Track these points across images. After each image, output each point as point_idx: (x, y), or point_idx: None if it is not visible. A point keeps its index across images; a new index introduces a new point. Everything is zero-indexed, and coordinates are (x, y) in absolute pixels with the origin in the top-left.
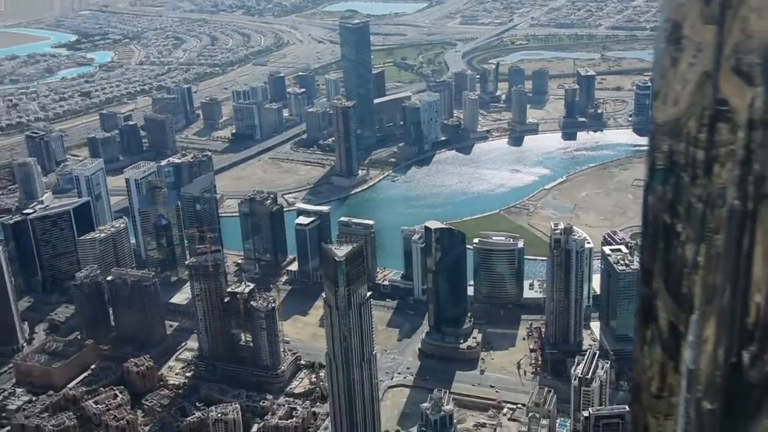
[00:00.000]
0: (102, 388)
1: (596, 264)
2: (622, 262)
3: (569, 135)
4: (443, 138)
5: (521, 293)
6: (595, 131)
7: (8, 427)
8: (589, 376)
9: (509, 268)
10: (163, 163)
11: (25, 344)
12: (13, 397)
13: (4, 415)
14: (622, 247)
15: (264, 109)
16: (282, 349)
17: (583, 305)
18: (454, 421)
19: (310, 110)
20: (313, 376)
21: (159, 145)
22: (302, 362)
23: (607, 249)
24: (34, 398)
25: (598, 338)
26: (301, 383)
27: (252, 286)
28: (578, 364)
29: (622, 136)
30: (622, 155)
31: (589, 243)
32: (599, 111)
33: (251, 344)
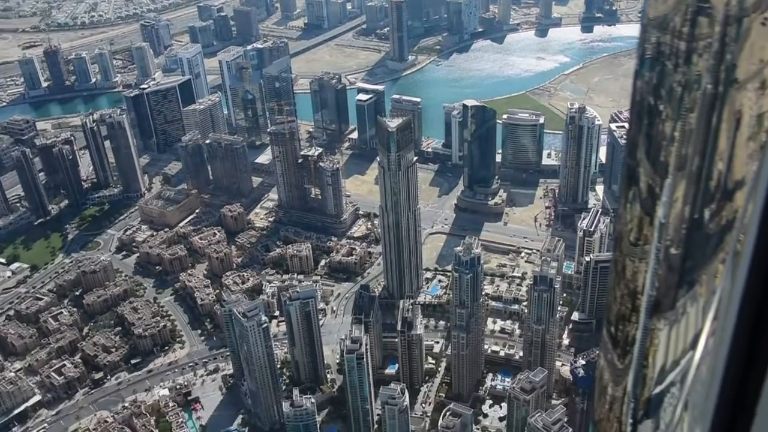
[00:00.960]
0: (204, 228)
1: (603, 138)
2: (624, 136)
3: (587, 28)
4: (480, 29)
5: (540, 160)
6: (610, 25)
7: (137, 253)
8: (592, 229)
9: (531, 140)
10: (249, 48)
11: (145, 192)
12: (139, 231)
13: (134, 244)
14: (626, 124)
15: (331, 3)
16: (344, 201)
17: (591, 171)
18: (481, 261)
19: (369, 4)
20: (369, 223)
21: (245, 33)
22: (360, 212)
23: (613, 126)
24: (154, 233)
25: (601, 198)
26: (359, 229)
27: (320, 150)
28: (584, 219)
29: (632, 30)
30: (631, 47)
31: (598, 120)
32: (614, 8)
33: (320, 197)
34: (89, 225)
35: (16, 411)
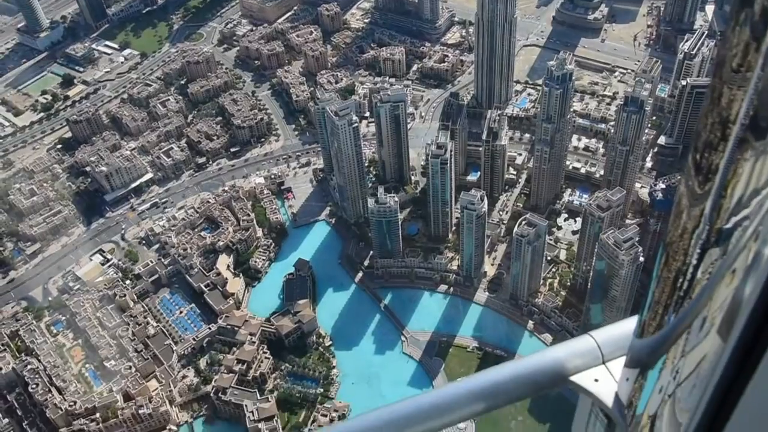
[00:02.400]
0: (301, 25)
1: None
2: None
3: None
4: None
5: None
6: None
7: (237, 47)
8: (693, 52)
9: None
10: None
11: None
12: (239, 26)
13: (234, 38)
14: None
15: None
16: (440, 7)
17: None
18: (573, 77)
19: None
20: (464, 31)
21: None
22: (456, 19)
23: None
24: (254, 28)
25: (710, 20)
26: (453, 36)
27: None
28: (686, 41)
29: None
30: None
31: None
32: None
33: (416, 0)
34: (193, 16)
35: (133, 185)
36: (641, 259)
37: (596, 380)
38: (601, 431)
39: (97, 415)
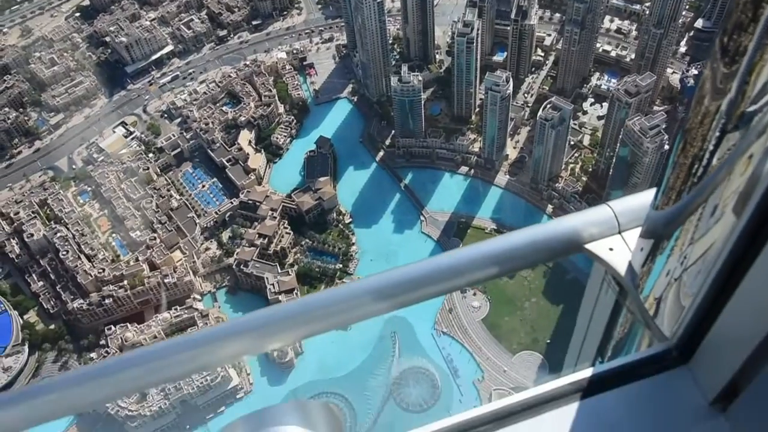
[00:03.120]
0: None
1: None
2: None
3: None
4: None
5: None
6: None
7: None
8: None
9: None
10: None
11: None
12: None
13: None
14: None
15: None
16: None
17: None
18: None
19: None
20: None
21: None
22: None
23: None
24: None
25: None
26: None
27: None
28: None
29: None
30: None
31: None
32: None
33: None
34: None
35: (154, 57)
36: (666, 147)
37: (611, 249)
38: (612, 299)
39: (125, 282)
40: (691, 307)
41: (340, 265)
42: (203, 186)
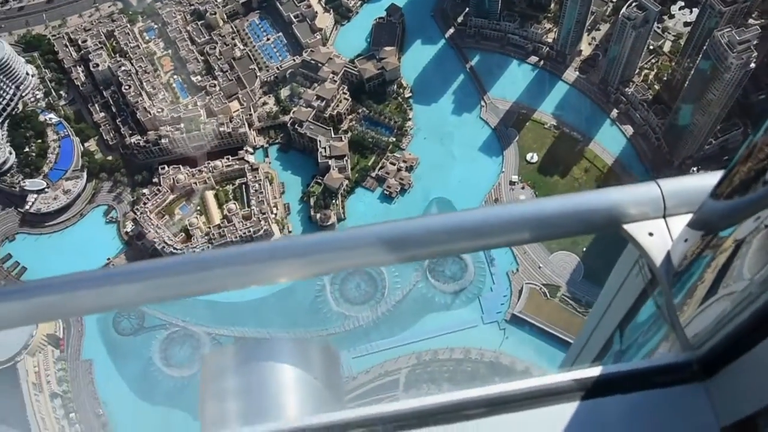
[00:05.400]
0: None
1: None
2: None
3: None
4: None
5: None
6: None
7: None
8: None
9: None
10: None
11: None
12: None
13: None
14: None
15: None
16: None
17: None
18: None
19: None
20: None
21: None
22: None
23: None
24: None
25: None
26: None
27: None
28: None
29: None
30: None
31: None
32: None
33: None
34: None
35: None
36: (752, 65)
37: (650, 234)
38: (640, 286)
39: (182, 125)
40: (730, 322)
41: (393, 139)
42: (268, 39)
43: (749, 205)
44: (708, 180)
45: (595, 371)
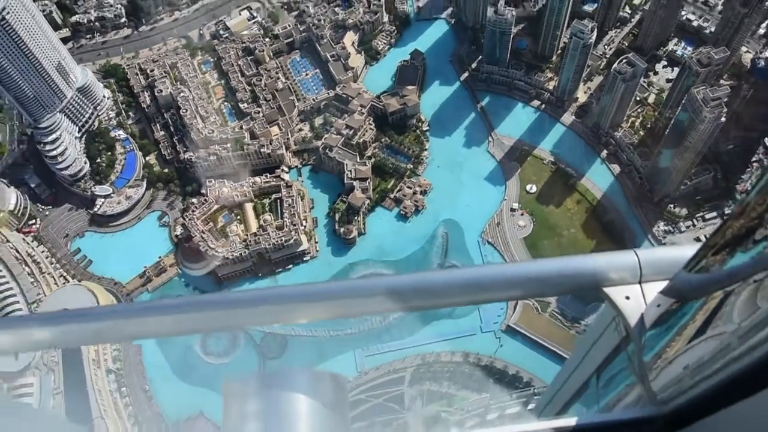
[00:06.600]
0: None
1: None
2: None
3: None
4: None
5: None
6: None
7: None
8: None
9: None
10: None
11: None
12: None
13: None
14: None
15: None
16: None
17: None
18: None
19: None
20: None
21: None
22: None
23: None
24: None
25: None
26: None
27: None
28: None
29: None
30: None
31: None
32: None
33: None
34: None
35: None
36: (723, 119)
37: (627, 297)
38: (615, 341)
39: (228, 145)
40: (695, 386)
41: (411, 166)
42: (307, 74)
43: (719, 281)
44: (682, 252)
45: (570, 421)
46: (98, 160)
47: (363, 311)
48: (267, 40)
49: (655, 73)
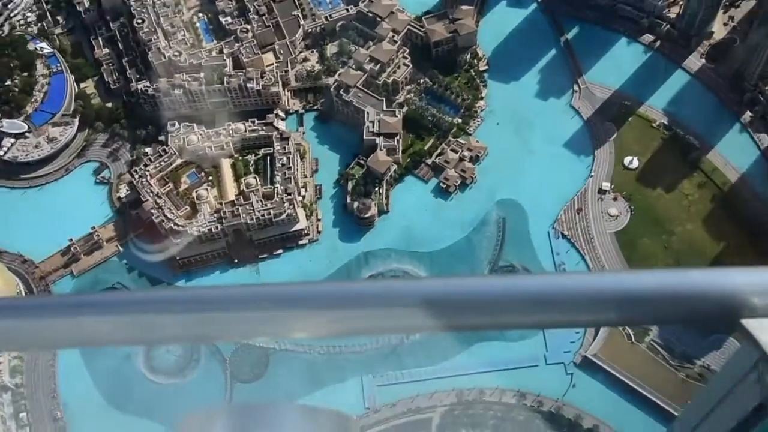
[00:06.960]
0: None
1: None
2: None
3: None
4: None
5: None
6: None
7: None
8: None
9: None
10: None
11: None
12: None
13: None
14: None
15: None
16: None
17: None
18: None
19: None
20: None
21: None
22: None
23: None
24: None
25: None
26: None
27: None
28: None
29: None
30: None
31: None
32: None
33: None
34: None
35: None
36: None
37: None
38: (757, 397)
39: (202, 74)
40: None
41: (459, 121)
42: None
43: None
44: None
45: None
46: (8, 81)
47: (378, 328)
48: None
49: None
